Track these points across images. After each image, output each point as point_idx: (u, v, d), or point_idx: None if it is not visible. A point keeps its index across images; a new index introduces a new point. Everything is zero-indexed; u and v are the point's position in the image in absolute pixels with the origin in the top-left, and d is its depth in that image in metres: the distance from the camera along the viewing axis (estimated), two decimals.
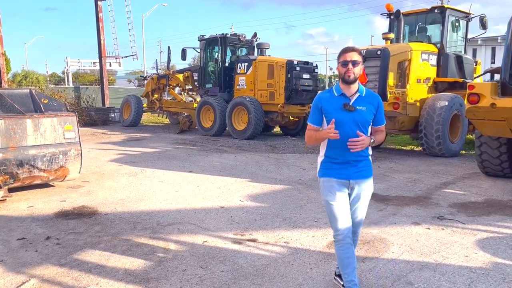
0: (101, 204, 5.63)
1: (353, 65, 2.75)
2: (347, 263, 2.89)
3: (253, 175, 7.30)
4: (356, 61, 2.75)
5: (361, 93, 2.85)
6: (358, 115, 2.78)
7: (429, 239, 4.14)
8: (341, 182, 2.87)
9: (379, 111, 2.89)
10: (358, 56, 2.78)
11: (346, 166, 2.85)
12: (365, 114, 2.81)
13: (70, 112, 6.30)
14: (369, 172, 2.93)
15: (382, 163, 8.46)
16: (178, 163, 8.48)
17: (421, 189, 6.18)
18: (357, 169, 2.86)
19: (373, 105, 2.85)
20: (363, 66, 2.87)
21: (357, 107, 2.79)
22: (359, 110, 2.79)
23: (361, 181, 2.88)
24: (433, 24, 10.58)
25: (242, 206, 5.43)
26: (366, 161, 2.91)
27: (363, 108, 2.80)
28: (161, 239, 4.28)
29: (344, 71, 2.78)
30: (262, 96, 12.98)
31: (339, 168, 2.86)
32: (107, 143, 11.77)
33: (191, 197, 5.91)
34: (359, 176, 2.87)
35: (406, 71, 9.26)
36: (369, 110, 2.82)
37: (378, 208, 5.25)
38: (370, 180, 2.94)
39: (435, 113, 8.90)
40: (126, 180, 7.02)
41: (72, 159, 6.19)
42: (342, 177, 2.87)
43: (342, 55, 2.82)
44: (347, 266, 2.89)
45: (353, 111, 2.79)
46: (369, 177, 2.92)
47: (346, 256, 2.89)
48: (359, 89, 2.85)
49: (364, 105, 2.81)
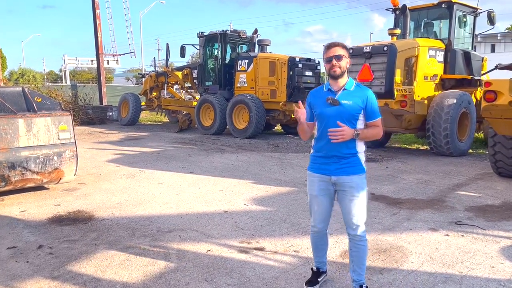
0: (97, 208, 5.33)
1: (337, 60, 2.76)
2: (320, 248, 3.12)
3: (257, 176, 7.01)
4: (339, 55, 2.76)
5: (349, 88, 2.83)
6: (343, 109, 2.77)
7: (449, 247, 3.86)
8: (322, 178, 2.88)
9: (369, 105, 2.81)
10: (341, 49, 2.79)
11: (329, 162, 2.84)
12: (350, 108, 2.78)
13: (65, 111, 5.99)
14: (354, 169, 2.82)
15: (389, 163, 8.18)
16: (178, 164, 8.18)
17: (433, 191, 5.90)
18: (339, 166, 2.82)
19: (360, 99, 2.79)
20: (349, 59, 2.85)
21: (342, 101, 2.78)
22: (344, 104, 2.77)
23: (343, 178, 2.81)
24: (440, 19, 10.29)
25: (246, 210, 5.15)
26: (353, 158, 2.83)
27: (349, 102, 2.77)
28: (161, 247, 3.99)
29: (329, 67, 2.81)
30: (263, 94, 12.68)
31: (322, 163, 2.88)
32: (104, 143, 11.46)
33: (193, 200, 5.61)
34: (341, 173, 2.82)
35: (413, 67, 8.97)
36: (355, 104, 2.77)
37: (391, 212, 4.97)
38: (356, 177, 2.82)
39: (443, 111, 8.62)
40: (124, 182, 6.72)
41: (67, 161, 5.89)
42: (324, 173, 2.87)
43: (325, 52, 2.84)
44: (320, 250, 3.13)
45: (337, 105, 2.78)
46: (353, 174, 2.81)
47: (320, 244, 3.10)
48: (348, 83, 2.84)
49: (350, 99, 2.78)
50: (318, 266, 3.16)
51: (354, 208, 2.83)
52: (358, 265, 2.91)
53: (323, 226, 3.00)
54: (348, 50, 2.86)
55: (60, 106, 6.13)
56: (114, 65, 39.80)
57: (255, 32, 14.38)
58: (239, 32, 14.01)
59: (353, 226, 2.86)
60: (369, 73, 8.68)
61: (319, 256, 3.13)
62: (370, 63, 8.71)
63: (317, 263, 3.16)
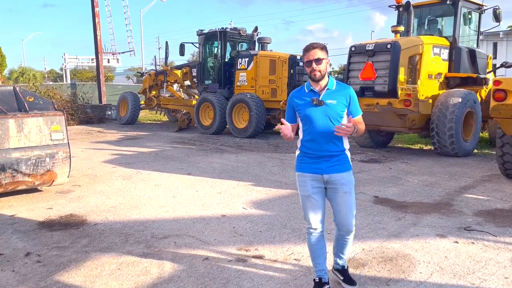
0: (91, 212, 5.13)
1: (317, 63, 2.77)
2: (319, 254, 3.01)
3: (256, 178, 6.80)
4: (319, 58, 2.77)
5: (331, 87, 2.86)
6: (328, 109, 2.81)
7: (459, 256, 3.65)
8: (314, 177, 2.89)
9: (352, 102, 2.87)
10: (321, 52, 2.80)
11: (319, 161, 2.87)
12: (335, 107, 2.82)
13: (58, 111, 5.79)
14: (344, 166, 2.90)
15: (392, 164, 7.96)
16: (176, 165, 7.98)
17: (439, 194, 5.68)
18: (330, 164, 2.86)
19: (344, 97, 2.84)
20: (328, 59, 2.85)
21: (327, 101, 2.81)
22: (329, 104, 2.81)
23: (335, 175, 2.87)
24: (444, 16, 10.07)
25: (245, 214, 4.94)
26: (341, 156, 2.90)
27: (333, 101, 2.82)
28: (155, 255, 3.79)
29: (309, 71, 2.81)
30: (264, 92, 12.46)
31: (313, 163, 2.89)
32: (102, 142, 11.26)
33: (190, 203, 5.41)
34: (332, 170, 2.86)
35: (417, 66, 8.74)
36: (340, 103, 2.82)
37: (396, 216, 4.76)
38: (346, 174, 2.89)
39: (448, 111, 8.40)
40: (120, 184, 6.52)
41: (60, 163, 5.69)
42: (315, 172, 2.89)
43: (304, 54, 2.83)
44: (319, 257, 3.01)
45: (322, 105, 2.81)
46: (344, 171, 2.89)
47: (318, 247, 3.00)
48: (329, 83, 2.87)
49: (334, 98, 2.83)
50: (320, 275, 3.01)
51: (347, 204, 2.89)
52: (342, 252, 3.10)
53: (321, 226, 2.97)
54: (326, 49, 2.85)
55: (53, 106, 5.92)
56: (115, 63, 39.61)
57: (255, 30, 14.14)
58: (239, 30, 13.78)
59: (345, 222, 2.92)
60: (372, 71, 8.46)
61: (319, 264, 3.02)
62: (373, 61, 8.48)
63: (318, 272, 3.02)
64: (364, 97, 8.59)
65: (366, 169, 7.49)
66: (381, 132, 10.04)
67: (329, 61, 2.88)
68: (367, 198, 5.51)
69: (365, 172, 7.17)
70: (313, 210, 2.93)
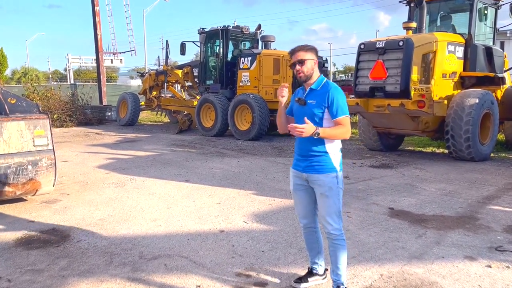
0: (75, 226, 4.64)
1: (301, 65, 2.82)
2: (310, 247, 3.15)
3: (259, 186, 6.29)
4: (302, 59, 2.81)
5: (316, 87, 2.87)
6: (307, 108, 2.84)
7: (494, 285, 3.12)
8: (297, 174, 2.97)
9: (332, 103, 2.79)
10: (305, 53, 2.82)
11: (301, 159, 2.93)
12: (313, 107, 2.83)
13: (42, 114, 5.30)
14: (322, 168, 2.85)
15: (405, 169, 7.42)
16: (173, 170, 7.48)
17: (461, 206, 5.14)
18: (308, 163, 2.88)
19: (324, 98, 2.81)
20: (315, 59, 2.85)
21: (308, 101, 2.85)
22: (309, 104, 2.85)
23: (313, 176, 2.88)
24: (458, 12, 9.50)
25: (246, 229, 4.43)
26: (322, 157, 2.85)
27: (313, 101, 2.84)
28: (141, 281, 3.29)
29: (295, 73, 2.86)
30: (267, 93, 11.95)
31: (298, 160, 2.97)
32: (98, 145, 10.79)
33: (185, 216, 4.90)
34: (310, 171, 2.88)
35: (430, 64, 8.19)
36: (318, 103, 2.82)
37: (416, 233, 4.23)
38: (323, 176, 2.84)
39: (464, 112, 7.85)
40: (112, 192, 6.03)
41: (43, 170, 5.20)
42: (297, 169, 2.97)
43: (290, 57, 2.89)
44: (311, 250, 3.15)
45: (303, 105, 2.87)
46: (321, 173, 2.85)
47: (309, 241, 3.13)
48: (315, 82, 2.88)
49: (314, 98, 2.84)
50: (311, 266, 3.18)
51: (323, 206, 2.88)
52: (335, 265, 2.93)
53: (307, 222, 3.05)
54: (313, 49, 2.86)
55: (37, 108, 5.44)
56: (118, 64, 39.26)
57: (258, 28, 13.63)
58: (241, 28, 13.26)
59: (324, 223, 2.91)
60: (383, 70, 7.92)
61: (310, 256, 3.16)
62: (384, 59, 7.94)
63: (310, 263, 3.19)
64: (374, 97, 8.07)
65: (377, 175, 6.96)
66: (391, 135, 9.50)
67: (316, 61, 2.86)
68: (381, 210, 4.98)
69: (377, 179, 6.64)
70: (297, 205, 3.07)
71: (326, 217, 2.88)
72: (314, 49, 2.86)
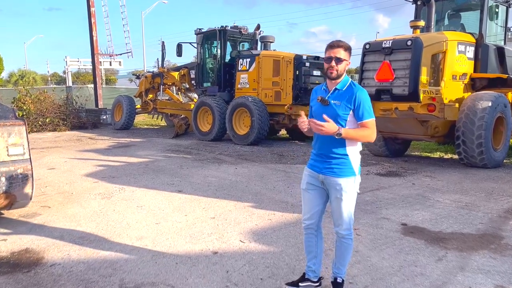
0: (52, 245, 4.14)
1: (337, 63, 2.74)
2: (308, 250, 3.04)
3: (258, 197, 5.80)
4: (340, 58, 2.73)
5: (341, 87, 2.79)
6: (331, 109, 2.76)
7: None
8: (312, 174, 2.90)
9: (358, 105, 2.72)
10: (343, 52, 2.75)
11: (319, 160, 2.86)
12: (337, 108, 2.75)
13: (18, 120, 4.80)
14: (343, 172, 2.78)
15: (415, 177, 6.93)
16: (166, 179, 6.98)
17: (482, 221, 4.65)
18: (328, 165, 2.81)
19: (349, 100, 2.74)
20: (349, 62, 2.80)
21: (332, 101, 2.77)
22: (333, 104, 2.77)
23: (331, 179, 2.80)
24: (468, 10, 9.04)
25: (243, 251, 3.93)
26: (342, 160, 2.78)
27: (337, 102, 2.76)
28: None
29: (327, 67, 2.77)
30: (267, 96, 11.46)
31: (314, 160, 2.90)
32: (89, 151, 10.29)
33: (175, 234, 4.40)
34: (329, 173, 2.81)
35: (440, 65, 7.71)
36: (343, 105, 2.74)
37: (435, 255, 3.73)
38: (342, 180, 2.77)
39: (476, 116, 7.37)
40: (97, 205, 5.53)
41: (19, 182, 4.69)
42: (314, 169, 2.89)
43: (327, 50, 2.78)
44: (309, 253, 3.04)
45: (326, 105, 2.78)
46: (340, 176, 2.78)
47: (308, 244, 3.03)
48: (341, 83, 2.80)
49: (340, 99, 2.76)
50: (306, 270, 3.08)
51: (338, 209, 2.82)
52: (340, 261, 2.94)
53: (311, 223, 2.96)
54: (350, 50, 2.79)
55: (13, 114, 4.94)
56: (117, 66, 38.82)
57: (257, 28, 13.16)
58: (240, 28, 12.78)
59: (337, 223, 2.87)
60: (390, 72, 7.44)
61: (308, 259, 3.06)
62: (391, 60, 7.46)
63: (306, 267, 3.08)
64: (381, 101, 7.58)
65: (385, 184, 6.47)
66: (397, 140, 9.01)
67: (349, 63, 2.80)
68: (394, 227, 4.48)
69: (385, 189, 6.15)
70: (305, 205, 2.97)
71: (338, 219, 2.85)
72: (351, 50, 2.80)
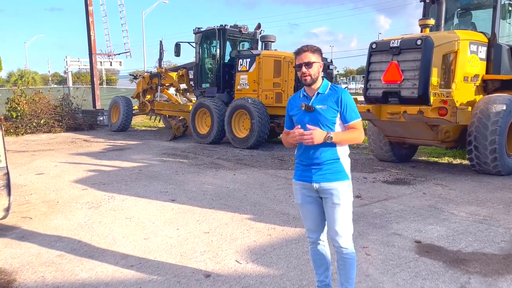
0: (27, 265, 3.72)
1: (307, 67, 2.66)
2: (319, 264, 2.89)
3: (257, 208, 5.36)
4: (309, 62, 2.65)
5: (323, 91, 2.71)
6: (318, 114, 2.66)
7: None
8: (304, 185, 2.77)
9: (344, 107, 2.65)
10: (311, 55, 2.66)
11: (309, 169, 2.73)
12: (325, 112, 2.66)
13: None
14: (336, 175, 2.67)
15: (425, 186, 6.48)
16: (160, 186, 6.55)
17: (504, 238, 4.20)
18: (320, 172, 2.69)
19: (334, 102, 2.66)
20: (321, 63, 2.69)
21: (317, 106, 2.68)
22: (318, 109, 2.67)
23: (324, 185, 2.68)
24: (479, 8, 8.60)
25: (239, 273, 3.49)
26: (334, 164, 2.68)
27: (323, 106, 2.67)
28: None
29: (300, 75, 2.71)
30: (268, 97, 11.03)
31: (303, 171, 2.77)
32: (83, 154, 9.86)
33: (164, 252, 3.97)
34: (322, 179, 2.68)
35: (451, 66, 7.27)
36: (330, 108, 2.66)
37: (457, 280, 3.29)
38: (338, 184, 2.66)
39: (489, 121, 6.93)
40: (83, 216, 5.10)
41: None
42: (305, 180, 2.75)
43: (296, 57, 2.72)
44: (319, 267, 2.89)
45: (312, 111, 2.68)
46: (335, 180, 2.67)
47: (317, 258, 2.88)
48: (321, 86, 2.72)
49: (324, 103, 2.67)
50: (318, 286, 2.91)
51: (335, 217, 2.68)
52: (346, 280, 2.76)
53: (317, 236, 2.84)
54: (319, 51, 2.70)
55: None
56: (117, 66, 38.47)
57: (258, 27, 12.72)
58: (240, 28, 12.34)
59: (336, 236, 2.70)
60: (398, 73, 6.99)
61: (318, 274, 2.91)
62: (399, 60, 7.01)
63: (318, 283, 2.91)
64: (388, 103, 7.14)
65: (393, 194, 6.03)
66: (403, 144, 8.57)
67: (322, 64, 2.71)
68: (406, 245, 4.04)
69: (394, 200, 5.71)
70: (307, 220, 2.85)
71: (336, 228, 2.68)
72: (320, 51, 2.70)
